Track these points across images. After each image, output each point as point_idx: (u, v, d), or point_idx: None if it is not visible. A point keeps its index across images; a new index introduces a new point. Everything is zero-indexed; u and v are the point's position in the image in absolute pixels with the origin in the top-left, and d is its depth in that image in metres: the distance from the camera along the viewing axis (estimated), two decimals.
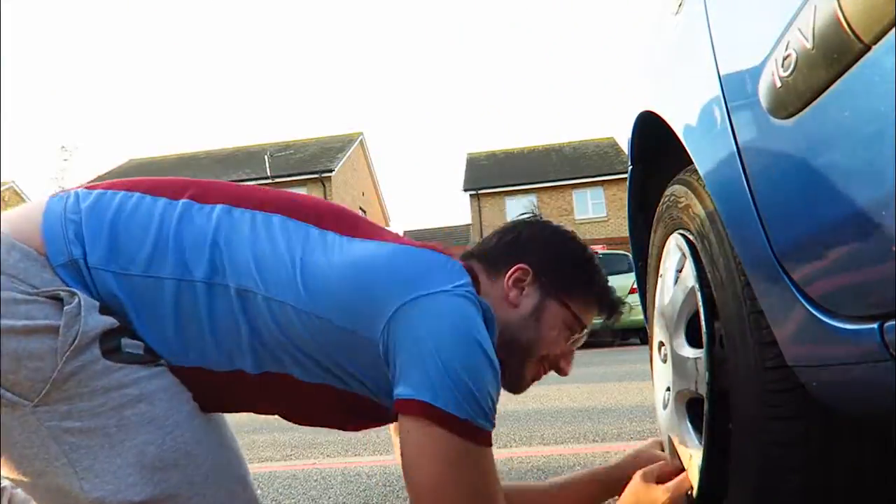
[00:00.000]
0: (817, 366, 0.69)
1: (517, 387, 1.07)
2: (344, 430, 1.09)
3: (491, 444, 0.88)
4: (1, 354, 0.77)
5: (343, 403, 0.94)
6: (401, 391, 0.85)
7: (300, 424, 1.04)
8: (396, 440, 1.04)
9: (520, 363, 1.03)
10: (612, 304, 1.11)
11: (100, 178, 21.30)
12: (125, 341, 0.83)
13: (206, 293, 0.86)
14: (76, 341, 0.79)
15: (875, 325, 0.56)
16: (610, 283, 1.11)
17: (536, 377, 1.07)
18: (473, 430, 0.84)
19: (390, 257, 0.91)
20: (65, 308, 0.80)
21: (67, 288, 0.82)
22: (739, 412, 0.86)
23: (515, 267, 1.03)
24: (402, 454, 0.86)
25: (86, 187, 0.93)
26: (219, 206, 0.91)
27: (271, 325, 0.86)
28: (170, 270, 0.86)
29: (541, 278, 1.04)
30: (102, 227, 0.87)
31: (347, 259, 0.89)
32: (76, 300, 0.81)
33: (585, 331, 1.08)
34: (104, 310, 0.84)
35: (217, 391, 0.90)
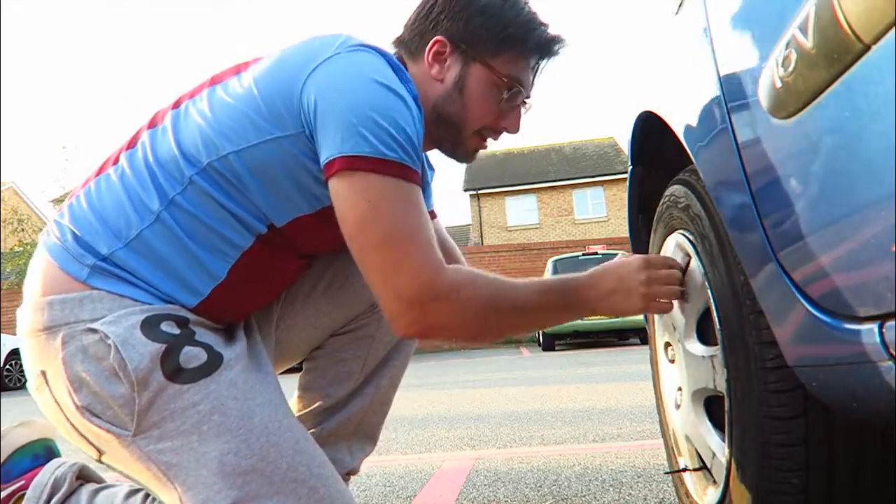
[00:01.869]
0: (817, 366, 0.69)
1: (462, 158, 1.08)
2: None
3: (412, 180, 0.88)
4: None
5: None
6: (321, 160, 0.88)
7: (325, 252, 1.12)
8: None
9: (456, 136, 1.04)
10: (539, 43, 1.02)
11: None
12: (184, 357, 0.88)
13: (186, 198, 0.91)
14: (134, 377, 0.85)
15: (875, 325, 0.56)
16: (536, 17, 1.02)
17: (479, 146, 1.07)
18: (385, 163, 0.85)
19: (287, 53, 0.94)
20: (111, 354, 0.86)
21: (98, 325, 0.87)
22: (739, 412, 0.86)
23: (433, 41, 1.01)
24: (337, 216, 0.89)
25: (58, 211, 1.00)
26: (145, 134, 0.97)
27: (236, 176, 0.91)
28: (155, 205, 0.91)
29: (459, 46, 1.00)
30: (91, 221, 0.92)
31: (250, 80, 0.92)
32: (109, 341, 0.86)
33: (522, 88, 1.02)
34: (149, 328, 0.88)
35: (272, 268, 1.00)
